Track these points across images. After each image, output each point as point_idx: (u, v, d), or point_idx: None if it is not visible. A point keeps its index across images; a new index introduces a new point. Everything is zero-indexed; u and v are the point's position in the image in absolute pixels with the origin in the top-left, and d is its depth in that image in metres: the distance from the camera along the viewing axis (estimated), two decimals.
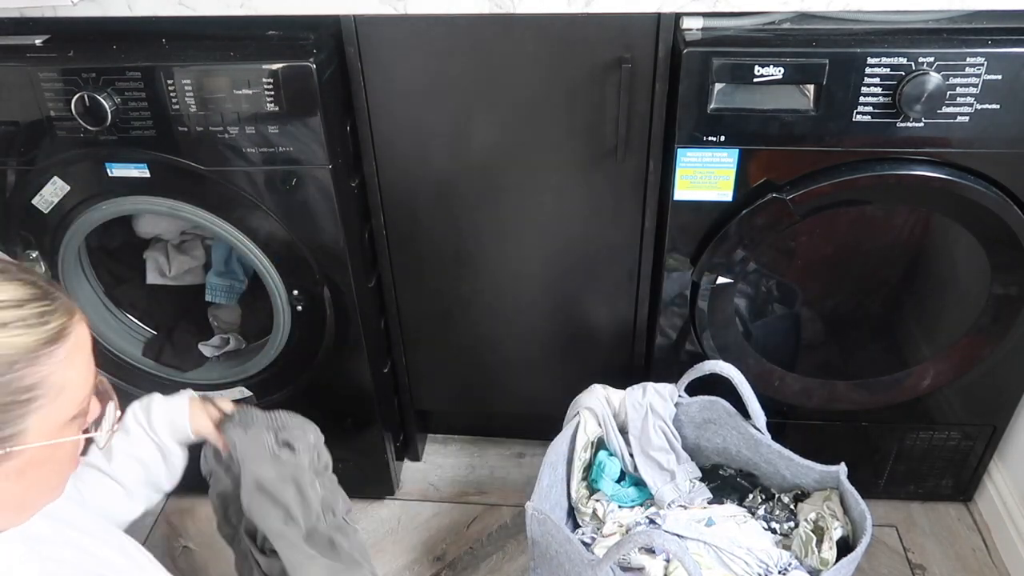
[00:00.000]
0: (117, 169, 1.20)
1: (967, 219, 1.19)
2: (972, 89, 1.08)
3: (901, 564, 1.50)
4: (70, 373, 0.63)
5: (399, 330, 1.53)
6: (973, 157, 1.13)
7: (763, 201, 1.18)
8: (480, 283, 1.45)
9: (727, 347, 1.34)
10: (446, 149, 1.29)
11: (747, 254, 1.25)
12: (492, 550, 1.54)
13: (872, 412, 1.44)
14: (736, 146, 1.16)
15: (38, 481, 0.65)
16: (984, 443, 1.49)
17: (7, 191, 1.24)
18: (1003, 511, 1.51)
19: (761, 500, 1.27)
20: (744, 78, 1.10)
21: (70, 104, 1.13)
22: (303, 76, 1.12)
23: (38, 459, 0.63)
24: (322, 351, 1.39)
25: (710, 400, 1.29)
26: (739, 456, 1.31)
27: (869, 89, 1.09)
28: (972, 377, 1.37)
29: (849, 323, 1.35)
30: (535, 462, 1.73)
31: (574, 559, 1.07)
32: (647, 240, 1.35)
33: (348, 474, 1.61)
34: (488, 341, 1.52)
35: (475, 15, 1.15)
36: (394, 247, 1.41)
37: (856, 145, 1.14)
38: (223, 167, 1.19)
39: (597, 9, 1.12)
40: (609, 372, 1.47)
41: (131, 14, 1.17)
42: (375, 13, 1.16)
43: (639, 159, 1.26)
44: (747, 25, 1.14)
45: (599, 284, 1.42)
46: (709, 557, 1.16)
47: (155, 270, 1.49)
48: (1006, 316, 1.27)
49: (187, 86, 1.13)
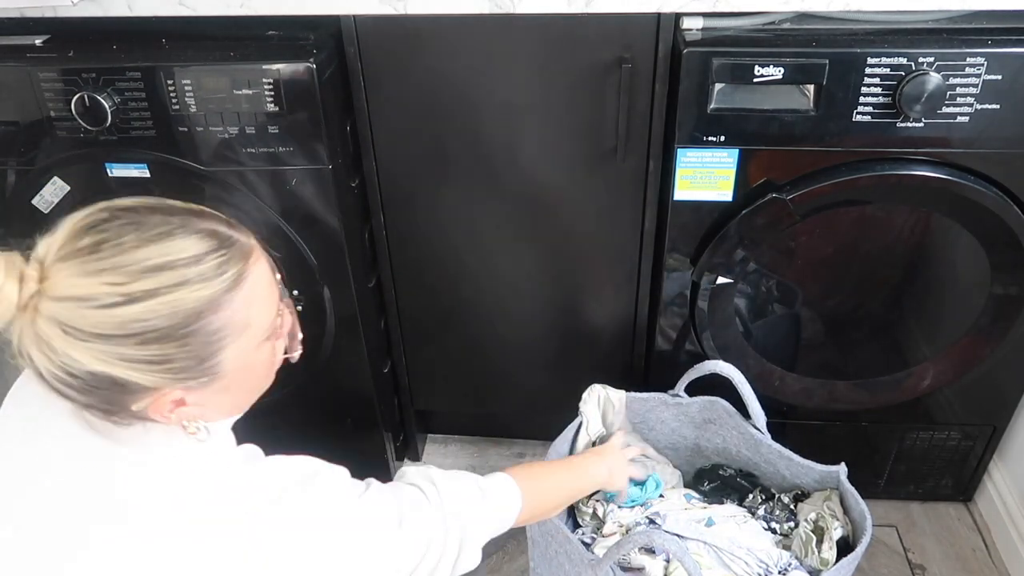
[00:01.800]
0: (117, 169, 1.20)
1: (967, 219, 1.19)
2: (972, 89, 1.08)
3: (901, 564, 1.50)
4: (251, 310, 0.72)
5: (399, 330, 1.53)
6: (973, 157, 1.13)
7: (763, 201, 1.18)
8: (480, 283, 1.44)
9: (727, 347, 1.34)
10: (446, 149, 1.29)
11: (747, 254, 1.25)
12: (492, 550, 1.54)
13: (872, 412, 1.44)
14: (736, 146, 1.16)
15: (243, 390, 0.78)
16: (984, 443, 1.49)
17: (7, 191, 1.24)
18: (1003, 511, 1.51)
19: (761, 500, 1.27)
20: (744, 78, 1.10)
21: (70, 104, 1.13)
22: (303, 76, 1.12)
23: (239, 377, 0.74)
24: (322, 351, 1.39)
25: (710, 400, 1.29)
26: (739, 456, 1.31)
27: (869, 89, 1.09)
28: (972, 377, 1.37)
29: (849, 323, 1.35)
30: None
31: (574, 559, 1.07)
32: (647, 240, 1.35)
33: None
34: (488, 341, 1.52)
35: (475, 15, 1.15)
36: (394, 247, 1.41)
37: (856, 145, 1.14)
38: (223, 167, 1.19)
39: (597, 9, 1.12)
40: (609, 372, 1.48)
41: (131, 14, 1.17)
42: (375, 13, 1.16)
43: (639, 159, 1.26)
44: (747, 25, 1.14)
45: (599, 284, 1.42)
46: (709, 557, 1.16)
47: None
48: (1006, 316, 1.27)
49: (187, 86, 1.13)
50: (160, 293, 0.65)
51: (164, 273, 0.66)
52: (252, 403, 0.82)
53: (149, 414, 0.70)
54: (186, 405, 0.71)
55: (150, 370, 0.66)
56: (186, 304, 0.66)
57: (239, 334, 0.71)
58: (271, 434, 1.64)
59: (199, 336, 0.68)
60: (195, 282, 0.67)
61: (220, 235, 0.70)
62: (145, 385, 0.67)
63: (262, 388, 0.81)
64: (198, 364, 0.69)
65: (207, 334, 0.68)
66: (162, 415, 0.71)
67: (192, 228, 0.69)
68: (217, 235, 0.70)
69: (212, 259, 0.68)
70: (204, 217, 0.71)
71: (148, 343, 0.65)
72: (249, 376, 0.76)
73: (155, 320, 0.65)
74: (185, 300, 0.66)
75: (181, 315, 0.66)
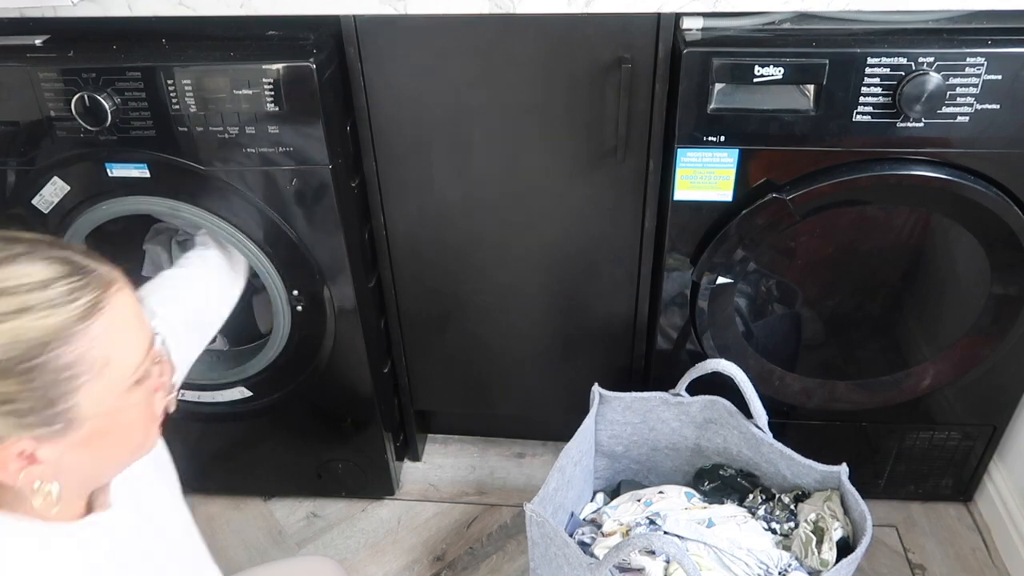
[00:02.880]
0: (117, 169, 1.20)
1: (967, 219, 1.19)
2: (972, 89, 1.08)
3: (901, 564, 1.50)
4: (112, 346, 0.64)
5: (399, 330, 1.53)
6: (973, 157, 1.13)
7: (763, 201, 1.18)
8: (480, 283, 1.44)
9: (727, 347, 1.34)
10: (446, 149, 1.29)
11: (747, 254, 1.25)
12: (492, 550, 1.54)
13: (872, 412, 1.44)
14: (736, 146, 1.16)
15: (110, 447, 0.67)
16: (984, 443, 1.49)
17: (7, 191, 1.24)
18: (1003, 511, 1.51)
19: (761, 500, 1.27)
20: (744, 78, 1.10)
21: (70, 104, 1.13)
22: (303, 76, 1.12)
23: (102, 428, 0.65)
24: (322, 351, 1.39)
25: (711, 400, 1.29)
26: (740, 456, 1.31)
27: (869, 89, 1.09)
28: (972, 377, 1.37)
29: (849, 323, 1.35)
30: (535, 462, 1.74)
31: (573, 562, 1.07)
32: (647, 240, 1.35)
33: (348, 474, 1.62)
34: (488, 341, 1.52)
35: (475, 15, 1.15)
36: (394, 247, 1.41)
37: (856, 145, 1.14)
38: (223, 167, 1.19)
39: (597, 9, 1.12)
40: (609, 372, 1.48)
41: (131, 14, 1.17)
42: (375, 13, 1.16)
43: (639, 159, 1.26)
44: (747, 25, 1.14)
45: (599, 284, 1.42)
46: (709, 558, 1.16)
47: (152, 263, 1.48)
48: (1006, 316, 1.27)
49: (187, 86, 1.12)
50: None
51: (2, 299, 0.60)
52: (123, 468, 0.72)
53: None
54: (37, 462, 0.63)
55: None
56: (28, 333, 0.59)
57: (96, 373, 0.63)
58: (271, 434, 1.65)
59: (46, 372, 0.60)
60: (40, 308, 0.60)
61: (73, 262, 0.64)
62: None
63: (136, 448, 0.71)
64: (47, 407, 0.61)
65: (55, 370, 0.61)
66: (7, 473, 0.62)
67: (40, 255, 0.63)
68: (70, 262, 0.64)
69: (62, 285, 0.62)
70: (56, 246, 0.65)
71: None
72: (115, 428, 0.66)
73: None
74: (27, 329, 0.59)
75: (23, 346, 0.59)
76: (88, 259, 0.65)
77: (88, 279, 0.64)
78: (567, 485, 1.28)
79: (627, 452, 1.40)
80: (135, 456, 0.72)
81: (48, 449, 0.62)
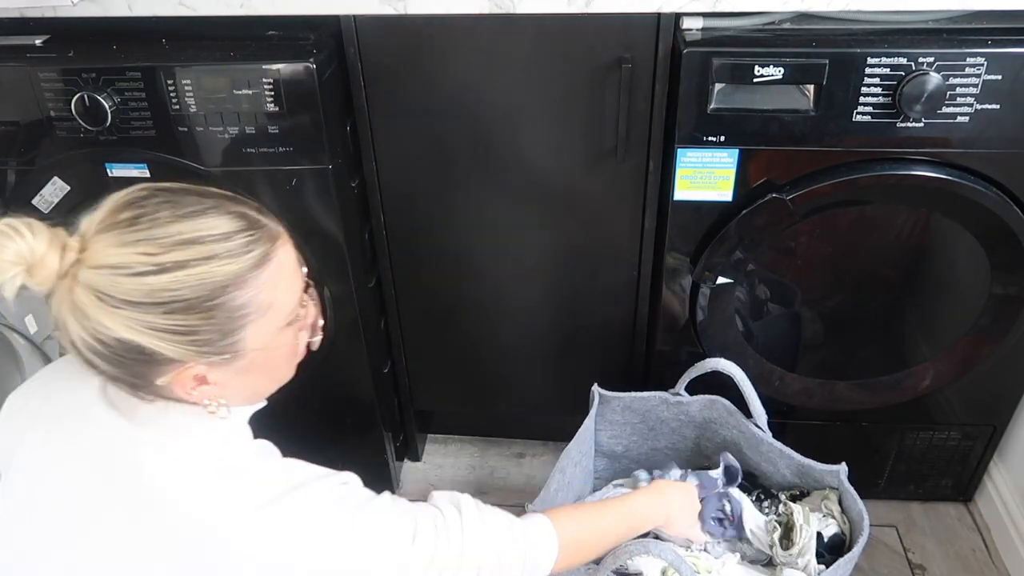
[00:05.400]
0: (117, 169, 1.20)
1: (967, 219, 1.19)
2: (972, 89, 1.08)
3: (901, 564, 1.50)
4: (275, 291, 0.75)
5: (399, 330, 1.53)
6: (973, 157, 1.13)
7: (763, 201, 1.18)
8: (480, 283, 1.44)
9: (727, 347, 1.34)
10: (446, 149, 1.29)
11: (747, 254, 1.25)
12: None
13: (872, 412, 1.44)
14: (736, 146, 1.16)
15: (263, 375, 0.80)
16: (984, 443, 1.49)
17: (7, 191, 1.24)
18: (1003, 511, 1.51)
19: (761, 500, 1.27)
20: (744, 78, 1.10)
21: (70, 104, 1.13)
22: (303, 76, 1.12)
23: (259, 360, 0.76)
24: (322, 351, 1.39)
25: (710, 399, 1.29)
26: (740, 456, 1.31)
27: (869, 89, 1.09)
28: (972, 377, 1.37)
29: (849, 323, 1.35)
30: (535, 462, 1.74)
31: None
32: (647, 240, 1.35)
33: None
34: (488, 341, 1.52)
35: (475, 15, 1.15)
36: (394, 247, 1.41)
37: (856, 145, 1.14)
38: (223, 167, 1.19)
39: (597, 9, 1.12)
40: (609, 372, 1.48)
41: (131, 14, 1.17)
42: (375, 13, 1.16)
43: (639, 159, 1.26)
44: (747, 25, 1.14)
45: (599, 284, 1.42)
46: (709, 559, 1.16)
47: None
48: (1006, 316, 1.27)
49: (187, 86, 1.13)
50: (189, 265, 0.69)
51: (194, 247, 0.70)
52: (271, 392, 0.85)
53: (172, 390, 0.73)
54: (208, 383, 0.74)
55: (175, 340, 0.69)
56: (213, 277, 0.70)
57: (262, 314, 0.74)
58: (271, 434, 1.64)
59: (223, 310, 0.71)
60: (223, 257, 0.70)
61: (249, 218, 0.74)
62: (170, 356, 0.70)
63: (282, 378, 0.84)
64: (221, 339, 0.72)
65: (231, 309, 0.71)
66: (185, 391, 0.73)
67: (224, 209, 0.73)
68: (247, 217, 0.74)
69: (241, 238, 0.72)
70: (236, 201, 0.75)
71: (175, 312, 0.68)
72: (269, 360, 0.78)
73: (183, 290, 0.68)
74: (213, 273, 0.70)
75: (208, 287, 0.69)
76: (260, 215, 0.76)
77: (261, 233, 0.74)
78: (567, 486, 1.28)
79: (627, 452, 1.40)
80: (279, 383, 0.84)
81: (216, 373, 0.74)
